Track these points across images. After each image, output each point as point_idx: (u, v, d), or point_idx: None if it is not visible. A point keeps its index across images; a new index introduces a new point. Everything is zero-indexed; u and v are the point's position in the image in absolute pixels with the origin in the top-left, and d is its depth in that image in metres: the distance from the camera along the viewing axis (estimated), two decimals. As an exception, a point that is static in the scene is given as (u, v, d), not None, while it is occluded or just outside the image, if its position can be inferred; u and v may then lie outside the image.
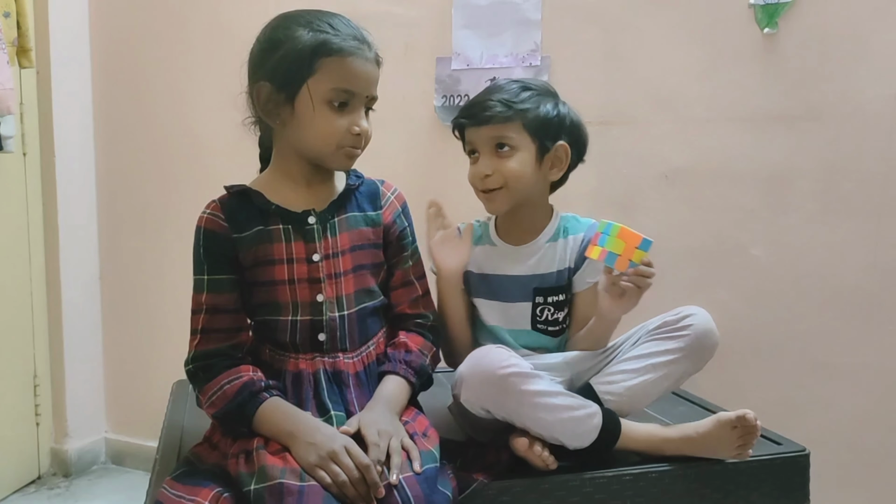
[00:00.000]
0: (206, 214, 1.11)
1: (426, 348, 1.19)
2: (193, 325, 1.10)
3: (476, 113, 1.23)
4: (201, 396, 1.07)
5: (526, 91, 1.25)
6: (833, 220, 1.67)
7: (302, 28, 1.06)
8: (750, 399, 1.32)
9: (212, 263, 1.10)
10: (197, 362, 1.08)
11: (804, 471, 1.24)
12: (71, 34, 2.10)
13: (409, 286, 1.22)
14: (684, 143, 1.75)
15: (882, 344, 1.66)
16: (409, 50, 1.88)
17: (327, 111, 1.06)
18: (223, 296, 1.10)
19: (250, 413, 1.02)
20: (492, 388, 1.09)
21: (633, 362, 1.19)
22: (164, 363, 2.16)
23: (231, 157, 1.20)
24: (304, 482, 0.91)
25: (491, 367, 1.09)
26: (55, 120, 2.07)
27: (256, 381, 1.05)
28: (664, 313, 1.23)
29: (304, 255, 1.11)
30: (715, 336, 1.19)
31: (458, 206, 1.32)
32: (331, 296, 1.12)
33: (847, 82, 1.63)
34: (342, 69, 1.05)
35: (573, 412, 1.11)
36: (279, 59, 1.06)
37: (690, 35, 1.72)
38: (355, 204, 1.17)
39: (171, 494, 0.96)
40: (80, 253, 2.18)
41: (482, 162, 1.25)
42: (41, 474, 2.16)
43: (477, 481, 1.07)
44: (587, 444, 1.13)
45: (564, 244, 1.31)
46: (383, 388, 1.11)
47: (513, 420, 1.12)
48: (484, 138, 1.24)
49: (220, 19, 2.01)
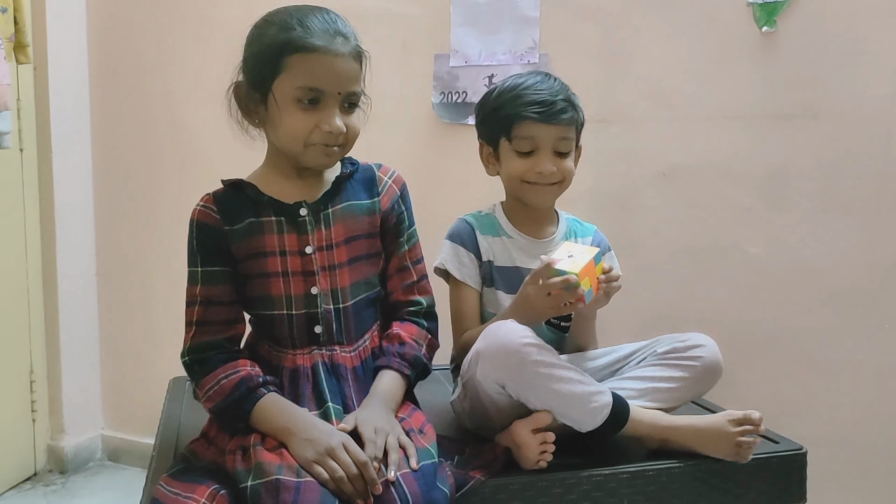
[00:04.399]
0: (199, 207, 1.11)
1: (420, 337, 1.18)
2: (188, 317, 1.10)
3: (549, 112, 1.25)
4: (198, 390, 1.07)
5: (572, 92, 1.30)
6: (830, 218, 1.67)
7: (274, 26, 1.06)
8: (747, 397, 1.32)
9: (205, 255, 1.10)
10: (192, 354, 1.08)
11: (801, 469, 1.24)
12: (68, 30, 2.09)
13: (404, 272, 1.20)
14: (682, 142, 1.75)
15: (879, 342, 1.67)
16: (407, 47, 1.88)
17: (294, 110, 1.05)
18: (217, 287, 1.10)
19: (248, 408, 1.02)
20: (509, 358, 1.09)
21: (636, 382, 1.21)
22: (160, 360, 2.15)
23: (228, 153, 1.20)
24: (301, 478, 0.91)
25: (508, 337, 1.09)
26: (52, 116, 2.06)
27: (254, 376, 1.05)
28: (674, 335, 1.25)
29: (297, 248, 1.11)
30: (720, 368, 1.22)
31: (454, 201, 1.33)
32: (325, 288, 1.12)
33: (845, 81, 1.63)
34: (308, 67, 1.04)
35: (587, 387, 1.12)
36: (250, 58, 1.09)
37: (689, 33, 1.72)
38: (350, 192, 1.16)
39: (167, 492, 0.96)
40: (77, 249, 2.17)
41: (545, 158, 1.27)
42: (37, 471, 2.15)
43: (474, 479, 1.07)
44: (598, 425, 1.12)
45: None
46: (378, 384, 1.10)
47: (527, 395, 1.11)
48: (551, 136, 1.26)
49: (218, 15, 2.00)
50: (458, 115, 1.86)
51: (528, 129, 1.26)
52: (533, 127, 1.26)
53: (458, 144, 1.83)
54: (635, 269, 1.79)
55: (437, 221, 1.37)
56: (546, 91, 1.26)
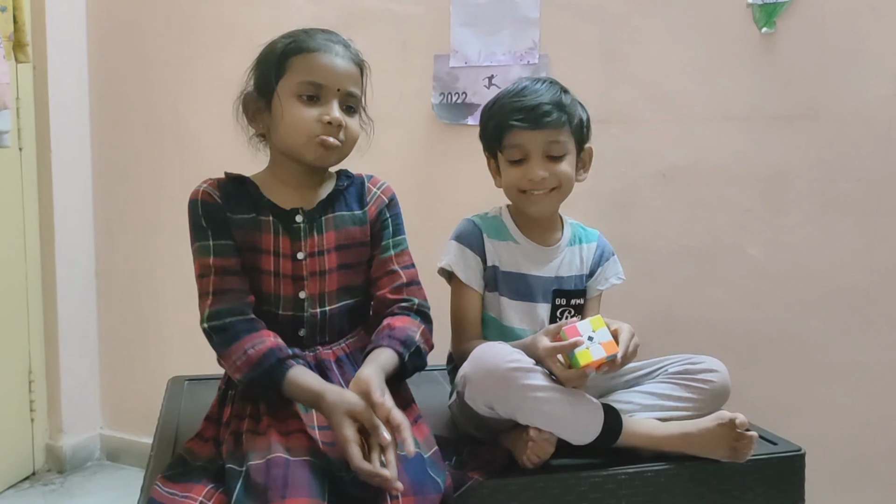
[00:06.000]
0: (203, 188, 1.13)
1: (413, 325, 1.16)
2: (204, 287, 1.10)
3: (532, 117, 1.23)
4: (223, 360, 1.08)
5: (565, 94, 1.28)
6: (830, 219, 1.67)
7: (282, 39, 1.14)
8: (746, 399, 1.32)
9: (214, 229, 1.11)
10: (212, 321, 1.08)
11: (800, 471, 1.24)
12: (68, 29, 2.09)
13: (392, 274, 1.20)
14: (682, 142, 1.75)
15: (878, 344, 1.66)
16: (407, 47, 1.88)
17: (296, 103, 1.10)
18: (230, 259, 1.11)
19: (279, 378, 1.03)
20: (496, 382, 1.09)
21: (646, 397, 1.22)
22: (159, 360, 2.16)
23: (228, 153, 1.20)
24: (293, 457, 0.94)
25: (494, 362, 1.09)
26: (51, 115, 2.06)
27: (282, 346, 1.06)
28: (688, 356, 1.25)
29: (290, 252, 1.13)
30: (728, 392, 1.23)
31: (454, 202, 1.33)
32: (313, 292, 1.14)
33: (845, 82, 1.63)
34: (308, 64, 1.10)
35: (576, 407, 1.12)
36: (258, 65, 1.15)
37: (689, 34, 1.72)
38: (343, 203, 1.19)
39: (164, 492, 0.96)
40: (76, 249, 2.17)
41: (535, 164, 1.25)
42: (35, 470, 2.15)
43: (472, 479, 1.07)
44: (590, 440, 1.13)
45: (580, 250, 1.37)
46: (368, 357, 1.08)
47: (516, 416, 1.11)
48: (539, 142, 1.25)
49: (218, 13, 2.00)
50: (457, 116, 1.86)
51: (516, 136, 1.25)
52: (519, 134, 1.25)
53: (457, 145, 1.83)
54: (635, 270, 1.78)
55: (436, 222, 1.37)
56: (531, 97, 1.25)
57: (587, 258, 1.37)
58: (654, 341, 1.35)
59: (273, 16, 1.91)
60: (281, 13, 1.91)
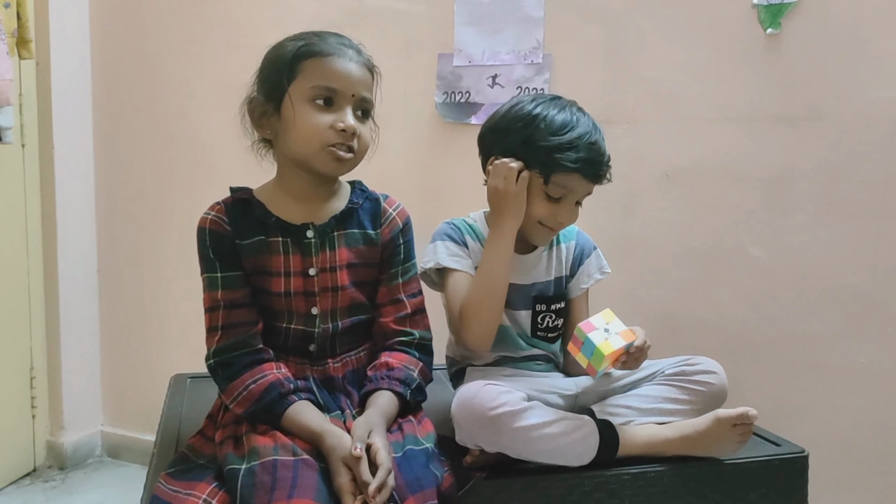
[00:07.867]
0: (211, 216, 1.11)
1: (411, 363, 1.15)
2: (212, 322, 1.09)
3: (596, 173, 1.24)
4: (225, 396, 1.07)
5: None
6: (833, 221, 1.67)
7: (290, 41, 1.11)
8: (748, 400, 1.32)
9: (223, 261, 1.10)
10: (218, 357, 1.08)
11: (803, 472, 1.24)
12: (71, 25, 2.09)
13: (398, 304, 1.18)
14: (686, 143, 1.74)
15: (882, 345, 1.66)
16: (411, 46, 1.88)
17: (309, 109, 1.07)
18: (238, 291, 1.10)
19: (279, 412, 1.02)
20: (484, 428, 1.08)
21: (641, 401, 1.21)
22: (161, 357, 2.16)
23: (231, 151, 1.20)
24: (298, 456, 0.94)
25: (481, 407, 1.08)
26: (54, 112, 2.06)
27: (283, 381, 1.05)
28: (684, 357, 1.25)
29: (301, 269, 1.12)
30: (726, 392, 1.23)
31: (456, 202, 1.32)
32: (325, 308, 1.13)
33: (849, 84, 1.63)
34: (322, 68, 1.07)
35: (570, 436, 1.11)
36: (266, 69, 1.11)
37: (693, 34, 1.72)
38: (356, 221, 1.17)
39: (167, 489, 0.96)
40: (78, 246, 2.17)
41: (571, 209, 1.26)
42: (37, 467, 2.15)
43: (475, 478, 1.08)
44: (588, 462, 1.13)
45: (558, 252, 1.36)
46: (370, 403, 1.08)
47: (509, 454, 1.11)
48: (585, 191, 1.26)
49: (222, 11, 2.00)
50: (461, 115, 1.85)
51: (569, 180, 1.22)
52: (575, 180, 1.22)
53: (461, 144, 1.83)
54: (637, 270, 1.79)
55: (439, 221, 1.36)
56: (597, 147, 1.22)
57: (567, 258, 1.35)
58: (657, 342, 1.34)
59: (275, 13, 1.91)
60: (283, 11, 1.91)
